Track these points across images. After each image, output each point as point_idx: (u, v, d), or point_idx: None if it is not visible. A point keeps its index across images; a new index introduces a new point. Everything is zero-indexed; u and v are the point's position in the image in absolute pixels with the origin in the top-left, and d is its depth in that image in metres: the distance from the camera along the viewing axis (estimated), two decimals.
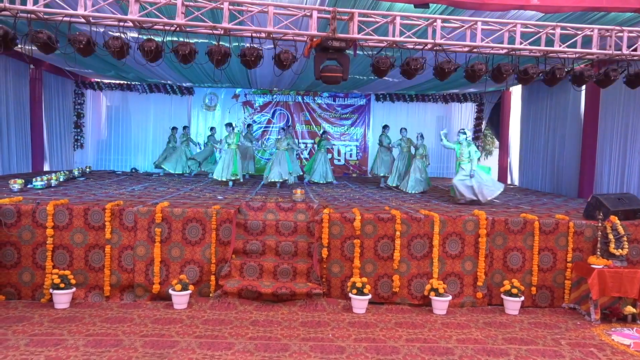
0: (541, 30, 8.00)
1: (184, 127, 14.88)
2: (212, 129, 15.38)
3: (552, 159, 12.73)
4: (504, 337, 5.85)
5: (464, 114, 17.55)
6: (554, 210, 8.44)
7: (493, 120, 17.00)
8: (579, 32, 8.04)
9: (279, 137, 13.12)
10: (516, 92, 15.60)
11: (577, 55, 8.46)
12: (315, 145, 15.12)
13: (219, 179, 11.35)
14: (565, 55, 8.43)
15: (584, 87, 10.02)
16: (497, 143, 19.18)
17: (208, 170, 14.14)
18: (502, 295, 6.93)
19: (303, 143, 17.04)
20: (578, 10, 7.62)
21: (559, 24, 7.96)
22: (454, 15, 8.00)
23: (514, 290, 6.82)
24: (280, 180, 11.41)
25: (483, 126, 17.58)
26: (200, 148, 15.60)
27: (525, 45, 8.04)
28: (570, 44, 8.12)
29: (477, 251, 7.17)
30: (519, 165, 14.97)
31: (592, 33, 8.01)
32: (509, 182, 15.77)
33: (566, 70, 8.48)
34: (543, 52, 8.31)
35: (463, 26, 7.85)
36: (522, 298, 6.89)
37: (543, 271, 7.26)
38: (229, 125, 12.18)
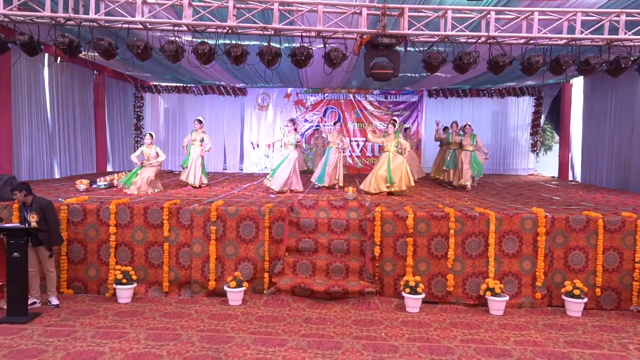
0: (604, 17, 7.60)
1: None
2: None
3: (618, 153, 12.08)
4: (565, 340, 5.60)
5: (521, 108, 16.92)
6: (620, 208, 8.00)
7: (552, 114, 16.33)
8: None
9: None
10: (577, 84, 14.89)
11: None
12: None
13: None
14: (631, 43, 7.96)
15: None
16: (557, 138, 18.43)
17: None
18: (563, 297, 6.64)
19: (355, 141, 16.99)
20: None
21: (624, 10, 7.54)
22: (508, 6, 7.74)
23: (576, 292, 6.52)
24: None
25: (542, 120, 16.91)
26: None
27: (586, 34, 7.67)
28: (637, 31, 7.66)
29: (535, 250, 6.91)
30: (581, 161, 14.29)
31: None
32: (570, 178, 15.11)
33: (632, 59, 8.01)
34: (606, 41, 7.89)
35: (518, 17, 7.58)
36: (585, 299, 6.57)
37: (608, 272, 6.90)
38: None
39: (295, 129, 9.72)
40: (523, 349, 5.27)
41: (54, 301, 6.39)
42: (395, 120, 10.08)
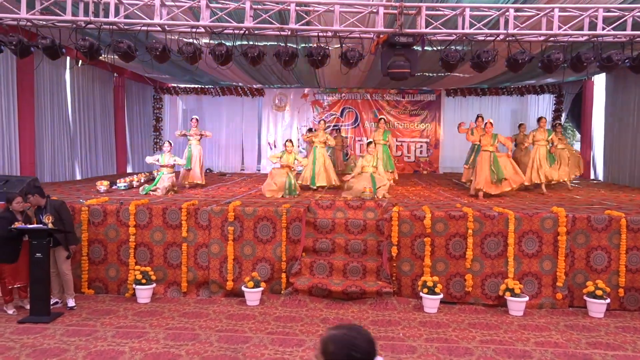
0: (626, 13, 7.45)
1: None
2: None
3: None
4: (587, 341, 5.50)
5: (542, 107, 16.62)
6: None
7: (574, 112, 16.02)
8: None
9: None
10: (599, 82, 14.59)
11: None
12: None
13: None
14: None
15: None
16: (578, 136, 18.09)
17: None
18: (585, 297, 6.53)
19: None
20: None
21: None
22: (527, 3, 7.62)
23: (599, 292, 6.40)
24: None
25: (563, 119, 16.62)
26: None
27: (608, 30, 7.52)
28: None
29: (556, 250, 6.81)
30: (603, 160, 14.02)
31: None
32: (592, 177, 14.83)
33: None
34: (629, 37, 7.72)
35: (538, 14, 7.47)
36: (608, 300, 6.45)
37: (632, 272, 6.76)
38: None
39: (291, 146, 9.63)
40: (544, 350, 5.20)
41: (71, 303, 6.47)
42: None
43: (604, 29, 7.48)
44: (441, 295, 6.55)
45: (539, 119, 10.87)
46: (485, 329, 5.88)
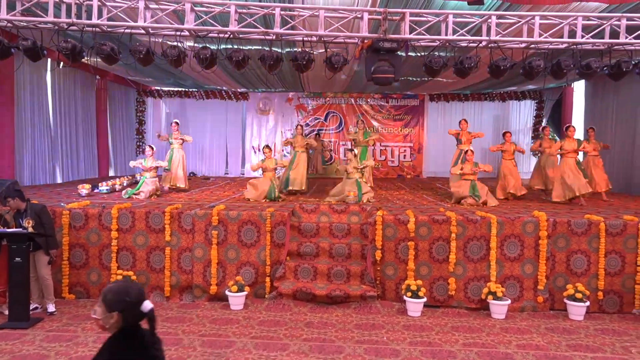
0: (605, 22, 7.62)
1: None
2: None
3: (620, 157, 12.04)
4: (567, 343, 5.59)
5: (523, 112, 16.93)
6: (622, 211, 7.99)
7: (554, 118, 16.30)
8: None
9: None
10: (579, 88, 14.89)
11: None
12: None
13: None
14: (632, 47, 7.97)
15: None
16: (558, 141, 18.37)
17: None
18: (566, 300, 6.63)
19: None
20: None
21: (624, 14, 7.56)
22: (509, 11, 7.76)
23: (579, 295, 6.51)
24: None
25: (543, 124, 16.89)
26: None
27: (587, 38, 7.69)
28: (638, 35, 7.68)
29: (537, 254, 6.91)
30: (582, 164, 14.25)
31: None
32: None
33: (633, 62, 8.02)
34: (607, 45, 7.90)
35: (519, 21, 7.60)
36: (588, 303, 6.56)
37: (610, 275, 6.89)
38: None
39: (270, 152, 9.63)
40: (525, 353, 5.26)
41: (51, 308, 6.36)
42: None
43: (583, 36, 7.64)
44: (425, 299, 6.59)
45: (567, 127, 9.53)
46: (468, 332, 5.94)
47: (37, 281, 6.35)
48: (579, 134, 14.60)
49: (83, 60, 8.05)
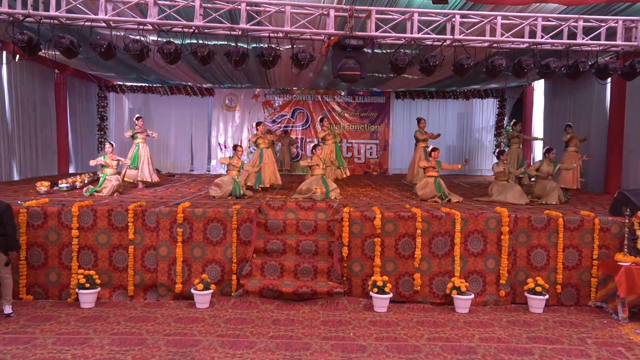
0: (563, 23, 7.85)
1: None
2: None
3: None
4: (528, 336, 5.76)
5: (486, 110, 17.31)
6: (579, 207, 8.27)
7: (515, 116, 16.73)
8: (603, 24, 7.87)
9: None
10: (539, 87, 15.31)
11: (601, 48, 8.29)
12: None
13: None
14: (589, 48, 8.25)
15: (609, 80, 9.78)
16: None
17: None
18: (526, 294, 6.83)
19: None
20: (602, 2, 7.43)
21: (581, 16, 7.80)
22: (473, 10, 7.90)
23: (538, 289, 6.71)
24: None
25: (505, 122, 17.32)
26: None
27: (546, 38, 7.91)
28: (594, 36, 7.95)
29: (499, 249, 7.08)
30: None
31: (616, 25, 7.84)
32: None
33: (590, 63, 8.30)
34: (565, 46, 8.15)
35: (482, 21, 7.75)
36: (547, 296, 6.77)
37: (568, 269, 7.12)
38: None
39: (241, 151, 9.59)
40: (487, 346, 5.39)
41: (7, 309, 6.12)
42: None
43: (542, 37, 7.85)
44: (391, 295, 6.66)
45: (549, 150, 9.51)
46: (432, 326, 6.04)
47: None
48: (538, 131, 15.10)
49: (40, 53, 7.77)
